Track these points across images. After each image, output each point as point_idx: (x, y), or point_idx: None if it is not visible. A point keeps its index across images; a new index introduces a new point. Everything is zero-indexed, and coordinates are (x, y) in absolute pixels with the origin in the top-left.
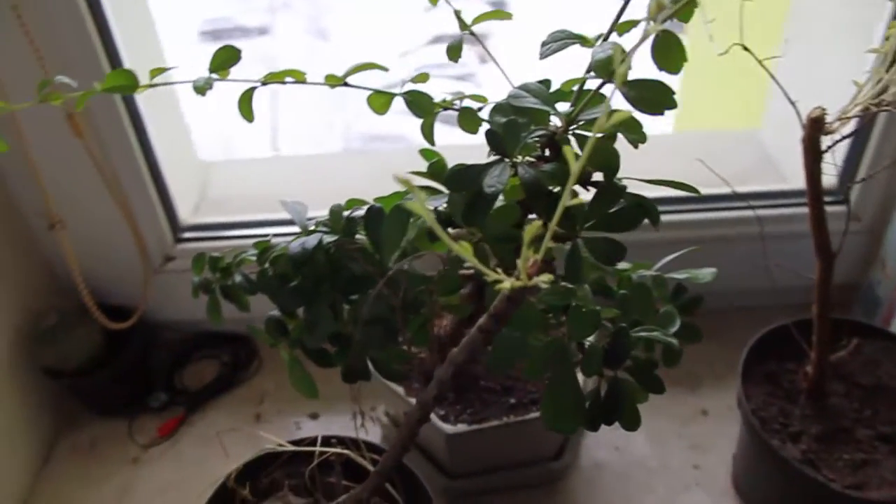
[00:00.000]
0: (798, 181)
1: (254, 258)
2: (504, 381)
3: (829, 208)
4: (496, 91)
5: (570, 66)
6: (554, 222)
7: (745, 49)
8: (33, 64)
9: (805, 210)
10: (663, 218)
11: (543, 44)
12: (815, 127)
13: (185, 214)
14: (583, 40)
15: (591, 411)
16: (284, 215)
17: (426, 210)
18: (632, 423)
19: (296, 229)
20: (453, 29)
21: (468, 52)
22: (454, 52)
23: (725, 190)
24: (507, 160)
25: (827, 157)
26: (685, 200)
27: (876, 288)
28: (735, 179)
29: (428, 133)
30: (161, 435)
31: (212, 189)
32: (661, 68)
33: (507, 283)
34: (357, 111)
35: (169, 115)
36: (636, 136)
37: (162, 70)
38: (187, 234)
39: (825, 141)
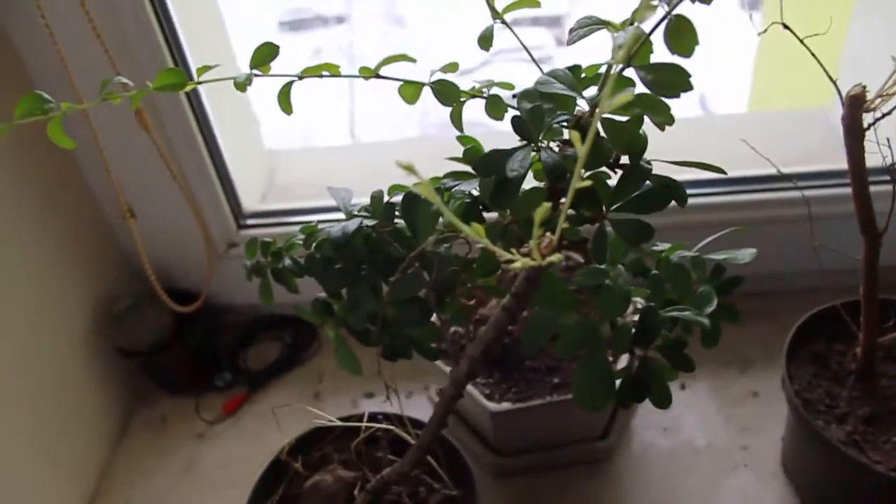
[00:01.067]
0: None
1: (302, 243)
2: (549, 361)
3: (876, 188)
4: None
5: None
6: (567, 204)
7: (786, 27)
8: (102, 60)
9: (834, 191)
10: (708, 200)
11: (571, 30)
12: (855, 105)
13: (251, 202)
14: (609, 25)
15: (621, 389)
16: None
17: (434, 194)
18: (662, 401)
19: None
20: (530, 12)
21: (545, 34)
22: (486, 42)
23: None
24: (531, 145)
25: (872, 135)
26: (732, 182)
27: None
28: (804, 158)
29: (457, 120)
30: (226, 412)
31: (281, 177)
32: (673, 52)
33: (519, 263)
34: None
35: (235, 105)
36: (663, 118)
37: (208, 68)
38: (251, 221)
39: (867, 119)
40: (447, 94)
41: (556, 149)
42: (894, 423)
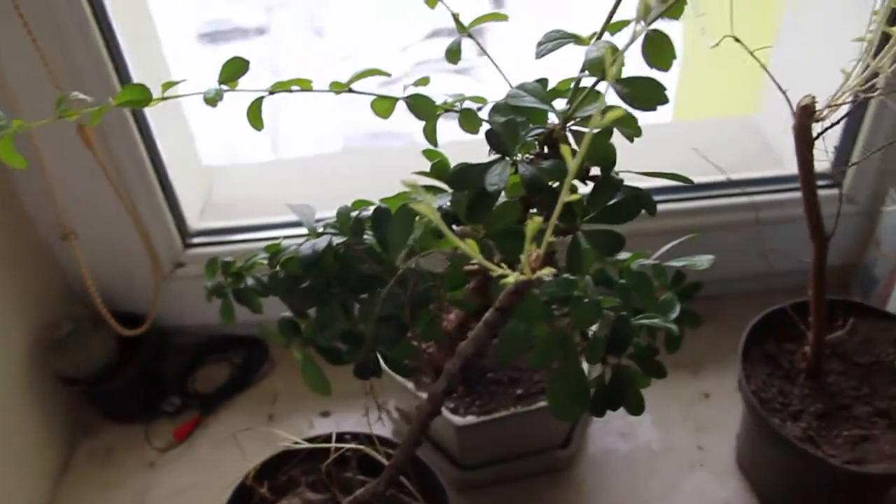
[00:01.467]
0: (793, 166)
1: (264, 261)
2: (511, 372)
3: (823, 192)
4: (496, 84)
5: (569, 60)
6: (554, 217)
7: (737, 41)
8: (43, 75)
9: (800, 194)
10: (660, 207)
11: (539, 44)
12: (806, 114)
13: (192, 220)
14: (577, 39)
15: (596, 398)
16: (289, 218)
17: (433, 211)
18: (636, 408)
19: (303, 231)
20: (450, 23)
21: (467, 46)
22: (453, 55)
23: (721, 177)
24: (507, 158)
25: (818, 142)
26: (681, 189)
27: (872, 268)
28: (734, 166)
29: (431, 135)
30: (177, 438)
31: (216, 194)
32: (651, 66)
33: (512, 278)
34: (357, 109)
35: (174, 122)
36: (631, 130)
37: (173, 83)
38: (195, 240)
39: (816, 128)
40: (422, 108)
41: (529, 162)
42: (844, 418)
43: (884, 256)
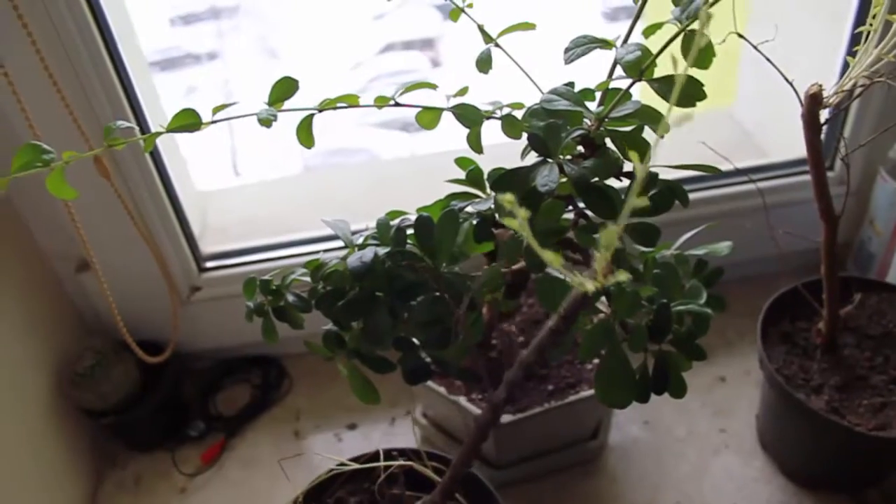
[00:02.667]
0: (778, 154)
1: (301, 278)
2: (538, 370)
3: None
4: (449, 92)
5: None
6: (623, 220)
7: (741, 37)
8: (59, 107)
9: (791, 180)
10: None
11: (567, 49)
12: (814, 102)
13: (201, 244)
14: (605, 44)
15: (640, 384)
16: (293, 236)
17: (524, 226)
18: (679, 391)
19: (310, 249)
20: (402, 37)
21: (420, 57)
22: (484, 65)
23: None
24: (551, 160)
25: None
26: (685, 181)
27: (868, 244)
28: (718, 157)
29: (475, 142)
30: (205, 463)
31: (211, 218)
32: (692, 65)
33: (591, 286)
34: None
35: (171, 148)
36: (661, 129)
37: (225, 106)
38: (209, 264)
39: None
40: (469, 117)
41: (571, 162)
42: (862, 388)
43: (878, 233)
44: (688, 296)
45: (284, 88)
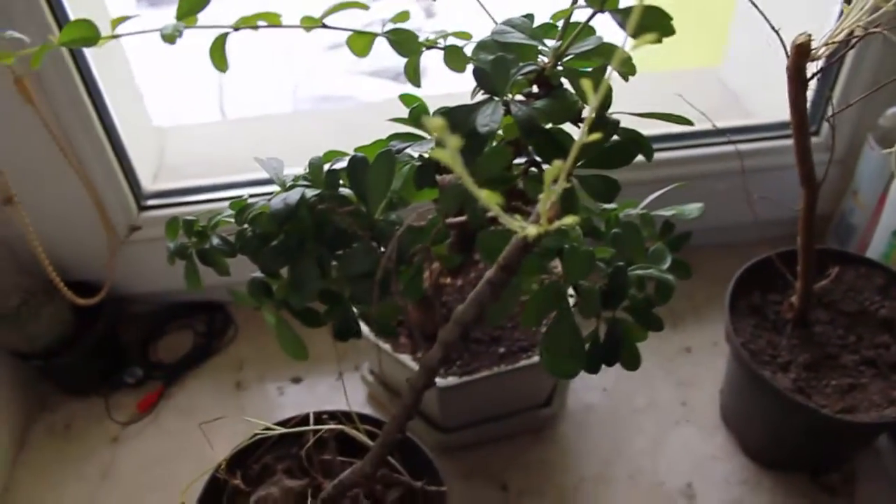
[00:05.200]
0: (763, 116)
1: (230, 220)
2: (492, 331)
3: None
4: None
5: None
6: (570, 162)
7: None
8: None
9: (772, 143)
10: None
11: None
12: (801, 53)
13: (146, 182)
14: None
15: (591, 353)
16: (248, 177)
17: (457, 163)
18: (632, 363)
19: (259, 190)
20: None
21: (413, 6)
22: None
23: (698, 127)
24: (496, 99)
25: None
26: (660, 139)
27: (849, 216)
28: (701, 117)
29: (413, 74)
30: (140, 411)
31: (169, 155)
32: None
33: (534, 230)
34: (305, 71)
35: (121, 78)
36: (626, 68)
37: (124, 18)
38: (151, 202)
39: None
40: (404, 43)
41: (521, 102)
42: (832, 368)
43: (861, 205)
44: (650, 260)
45: (193, 2)
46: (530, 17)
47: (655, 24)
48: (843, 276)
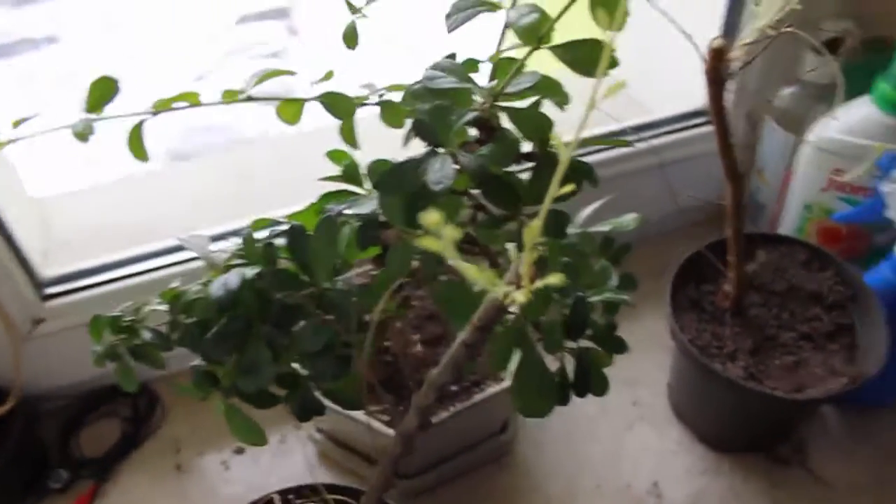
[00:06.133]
0: (660, 110)
1: (161, 308)
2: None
3: (704, 129)
4: (311, 66)
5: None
6: (543, 215)
7: None
8: None
9: (675, 136)
10: None
11: (448, 16)
12: (718, 56)
13: (39, 267)
14: (493, 6)
15: (561, 386)
16: (148, 247)
17: (450, 245)
18: (602, 389)
19: (172, 259)
20: (257, 7)
21: (277, 26)
22: (350, 40)
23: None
24: (442, 151)
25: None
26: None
27: (757, 195)
28: (605, 118)
29: (349, 136)
30: None
31: (55, 231)
32: (602, 27)
33: (522, 295)
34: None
35: None
36: (560, 98)
37: (23, 120)
38: (52, 290)
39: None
40: (338, 105)
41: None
42: (773, 348)
43: (767, 183)
44: (597, 278)
45: (103, 90)
46: (453, 56)
47: (597, 57)
48: (767, 257)
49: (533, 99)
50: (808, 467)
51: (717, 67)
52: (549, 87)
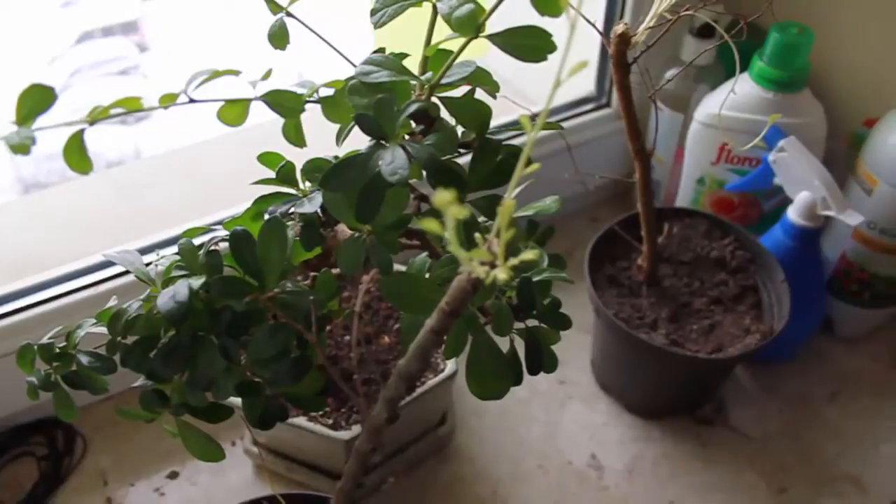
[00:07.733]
0: (542, 99)
1: (96, 329)
2: (374, 368)
3: (595, 114)
4: (165, 80)
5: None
6: (511, 193)
7: None
8: None
9: (571, 123)
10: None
11: (374, 11)
12: (622, 41)
13: None
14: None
15: (514, 368)
16: (68, 267)
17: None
18: (553, 365)
19: (87, 280)
20: (98, 23)
21: (124, 42)
22: (279, 40)
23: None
24: (389, 144)
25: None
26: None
27: (651, 172)
28: (509, 106)
29: (295, 135)
30: None
31: None
32: (542, 13)
33: (503, 273)
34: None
35: None
36: (491, 86)
37: None
38: None
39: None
40: (286, 104)
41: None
42: (689, 314)
43: (660, 160)
44: (532, 261)
45: (37, 99)
46: (382, 50)
47: (538, 44)
48: (672, 230)
49: (466, 88)
50: (731, 425)
51: (621, 52)
52: (483, 78)
